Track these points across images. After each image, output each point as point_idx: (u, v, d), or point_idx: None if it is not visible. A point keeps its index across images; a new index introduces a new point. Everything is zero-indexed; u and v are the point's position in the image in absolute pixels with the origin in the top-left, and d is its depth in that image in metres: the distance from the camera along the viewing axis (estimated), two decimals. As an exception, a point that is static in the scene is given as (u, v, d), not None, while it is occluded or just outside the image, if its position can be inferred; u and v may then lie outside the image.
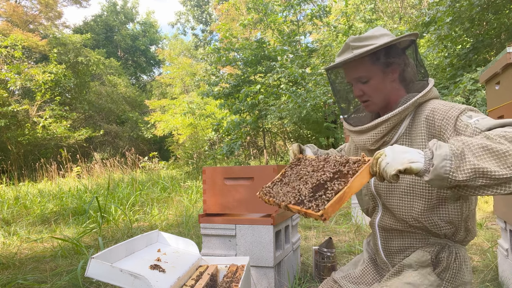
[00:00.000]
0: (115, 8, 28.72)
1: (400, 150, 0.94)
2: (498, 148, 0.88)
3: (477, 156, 0.88)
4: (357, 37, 1.27)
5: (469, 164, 0.88)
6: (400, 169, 0.91)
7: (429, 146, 0.93)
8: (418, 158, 0.91)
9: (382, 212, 1.34)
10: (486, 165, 0.87)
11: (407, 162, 0.91)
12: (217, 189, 2.52)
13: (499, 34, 7.81)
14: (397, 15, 12.20)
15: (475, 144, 0.90)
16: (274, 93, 9.16)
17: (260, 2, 10.21)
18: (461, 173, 0.88)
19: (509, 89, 2.18)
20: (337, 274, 1.49)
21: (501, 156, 0.87)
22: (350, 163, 1.08)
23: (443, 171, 0.89)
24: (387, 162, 0.94)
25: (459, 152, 0.89)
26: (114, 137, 19.47)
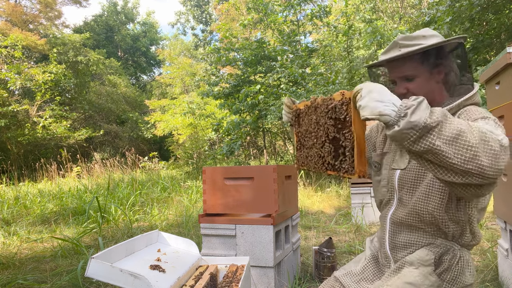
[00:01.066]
0: (115, 8, 28.71)
1: (375, 97, 0.93)
2: (467, 138, 0.90)
3: (443, 137, 0.90)
4: (406, 36, 1.27)
5: (429, 142, 0.90)
6: (368, 117, 0.93)
7: (408, 103, 0.92)
8: (389, 112, 0.92)
9: (396, 206, 1.34)
10: (444, 148, 0.90)
11: (377, 113, 0.92)
12: (217, 189, 2.52)
13: (499, 34, 7.81)
14: (397, 15, 12.20)
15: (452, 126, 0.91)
16: (274, 93, 9.16)
17: (260, 2, 10.21)
18: (418, 145, 0.91)
19: (509, 89, 2.18)
20: (338, 272, 1.50)
21: (464, 147, 0.90)
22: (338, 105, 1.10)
23: (403, 137, 0.91)
24: (360, 105, 0.96)
25: (430, 126, 0.89)
26: (114, 137, 19.47)
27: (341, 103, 1.09)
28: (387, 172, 1.39)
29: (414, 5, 12.38)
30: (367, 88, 0.96)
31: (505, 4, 7.23)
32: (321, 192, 7.39)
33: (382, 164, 1.44)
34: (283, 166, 2.59)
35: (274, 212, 2.37)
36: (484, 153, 0.91)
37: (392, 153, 1.41)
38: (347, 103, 1.06)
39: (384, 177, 1.40)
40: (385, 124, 0.94)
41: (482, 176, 0.92)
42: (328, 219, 5.24)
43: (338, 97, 1.11)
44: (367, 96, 0.95)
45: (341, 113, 1.09)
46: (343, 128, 1.09)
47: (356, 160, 1.02)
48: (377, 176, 1.46)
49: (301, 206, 6.08)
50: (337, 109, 1.10)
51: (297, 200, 2.98)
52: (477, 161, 0.90)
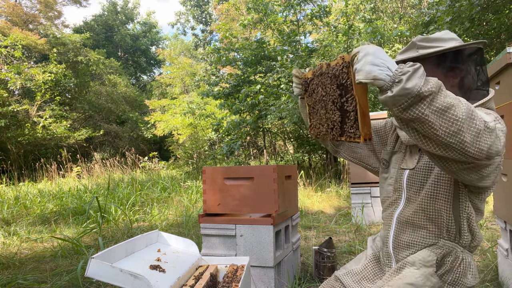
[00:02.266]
0: (115, 8, 28.71)
1: (371, 60, 0.92)
2: (455, 112, 0.90)
3: (434, 108, 0.90)
4: (425, 37, 1.26)
5: (419, 110, 0.89)
6: (363, 81, 0.93)
7: (404, 69, 0.91)
8: (383, 77, 0.91)
9: (404, 205, 1.33)
10: (432, 118, 0.90)
11: (371, 77, 0.91)
12: (217, 189, 2.52)
13: (499, 34, 7.82)
14: (397, 15, 12.20)
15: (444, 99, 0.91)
16: (274, 93, 9.16)
17: (260, 2, 10.20)
18: (408, 113, 0.91)
19: (509, 89, 2.18)
20: (339, 271, 1.50)
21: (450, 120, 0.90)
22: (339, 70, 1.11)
23: (395, 102, 0.91)
24: (355, 68, 0.95)
25: (422, 95, 0.89)
26: (114, 137, 19.46)
27: (341, 67, 1.09)
28: (395, 171, 1.39)
29: (414, 5, 12.38)
30: (364, 51, 0.94)
31: (505, 4, 7.23)
32: (321, 192, 7.39)
33: (391, 162, 1.44)
34: (283, 166, 2.59)
35: (274, 212, 2.37)
36: (468, 129, 0.91)
37: (401, 153, 1.41)
38: (347, 67, 1.07)
39: (392, 175, 1.40)
40: (379, 88, 0.93)
41: (463, 153, 0.92)
42: (328, 219, 5.24)
43: (340, 61, 1.11)
44: (362, 59, 0.93)
45: (342, 77, 1.10)
46: (346, 93, 1.10)
47: (361, 123, 1.03)
48: (384, 174, 1.46)
49: (301, 206, 6.08)
50: (339, 74, 1.11)
51: (297, 200, 2.98)
52: (460, 136, 0.90)
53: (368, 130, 1.03)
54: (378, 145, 1.56)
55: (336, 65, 1.13)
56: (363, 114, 1.03)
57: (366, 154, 1.58)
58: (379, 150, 1.56)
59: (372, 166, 1.59)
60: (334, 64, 1.15)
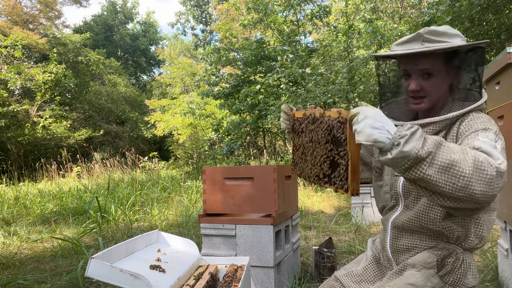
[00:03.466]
0: (114, 8, 28.70)
1: (371, 123, 0.94)
2: (460, 168, 0.91)
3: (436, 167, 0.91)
4: (432, 30, 1.23)
5: (420, 171, 0.92)
6: (363, 142, 0.95)
7: (402, 132, 0.93)
8: (383, 140, 0.93)
9: (401, 211, 1.33)
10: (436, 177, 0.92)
11: (371, 140, 0.93)
12: (217, 189, 2.52)
13: (499, 34, 7.81)
14: (397, 15, 12.20)
15: (445, 155, 0.92)
16: (274, 93, 9.15)
17: (260, 2, 10.20)
18: (410, 173, 0.93)
19: (509, 89, 2.18)
20: (339, 272, 1.49)
21: (456, 176, 0.91)
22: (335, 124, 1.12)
23: (395, 164, 0.94)
24: (355, 129, 0.97)
25: (421, 157, 0.91)
26: (114, 137, 19.45)
27: (337, 121, 1.11)
28: (389, 178, 1.38)
29: (414, 5, 12.38)
30: (363, 113, 0.97)
31: (505, 4, 7.22)
32: (321, 192, 7.39)
33: (383, 169, 1.42)
34: (283, 166, 2.59)
35: (274, 212, 2.37)
36: (478, 181, 0.92)
37: None
38: (343, 122, 1.09)
39: (387, 183, 1.39)
40: (379, 149, 0.97)
41: (474, 202, 0.94)
42: (328, 219, 5.24)
43: (335, 114, 1.13)
44: (362, 122, 0.95)
45: (337, 131, 1.11)
46: (339, 146, 1.12)
47: (350, 179, 1.05)
48: (378, 181, 1.44)
49: (301, 206, 6.08)
50: (333, 127, 1.13)
51: (297, 200, 2.98)
52: (469, 190, 0.91)
53: (356, 186, 1.06)
54: (366, 157, 1.57)
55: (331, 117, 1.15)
56: (353, 171, 1.05)
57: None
58: (368, 159, 1.56)
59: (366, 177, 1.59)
60: (329, 115, 1.16)
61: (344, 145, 1.08)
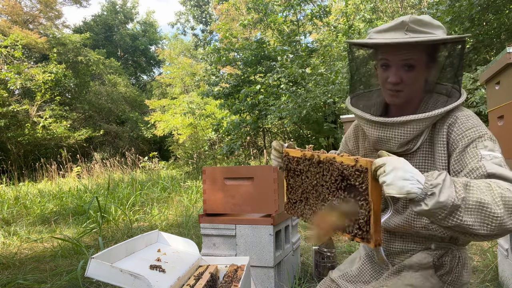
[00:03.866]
0: (114, 8, 28.69)
1: (401, 175, 0.91)
2: (492, 210, 0.92)
3: (469, 211, 0.93)
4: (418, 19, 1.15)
5: (458, 218, 0.92)
6: (396, 196, 0.92)
7: (433, 182, 0.92)
8: (416, 191, 0.91)
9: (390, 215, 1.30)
10: (471, 221, 0.93)
11: (405, 193, 0.91)
12: (217, 189, 2.52)
13: (499, 34, 7.81)
14: (397, 15, 12.19)
15: (475, 196, 0.93)
16: (274, 93, 9.16)
17: (260, 2, 10.20)
18: (447, 222, 0.93)
19: (509, 89, 2.18)
20: (334, 273, 1.48)
21: (489, 217, 0.92)
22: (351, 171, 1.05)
23: (432, 215, 0.93)
24: (384, 181, 0.93)
25: (457, 205, 0.92)
26: (114, 137, 19.45)
27: (355, 169, 1.05)
28: None
29: (414, 5, 12.37)
30: (391, 165, 0.93)
31: (505, 4, 7.22)
32: (321, 192, 7.38)
33: None
34: (283, 166, 2.58)
35: (274, 212, 2.37)
36: (510, 217, 0.93)
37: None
38: (363, 172, 1.03)
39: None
40: (410, 200, 0.94)
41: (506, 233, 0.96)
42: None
43: (351, 162, 1.06)
44: (392, 173, 0.92)
45: (355, 180, 1.05)
46: (356, 195, 1.05)
47: (373, 230, 1.01)
48: None
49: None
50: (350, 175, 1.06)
51: (297, 200, 2.97)
52: (504, 227, 0.93)
53: (379, 236, 1.01)
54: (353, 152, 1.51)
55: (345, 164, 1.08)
56: (376, 221, 1.00)
57: None
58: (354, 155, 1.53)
59: None
60: (341, 162, 1.09)
61: (365, 195, 1.02)
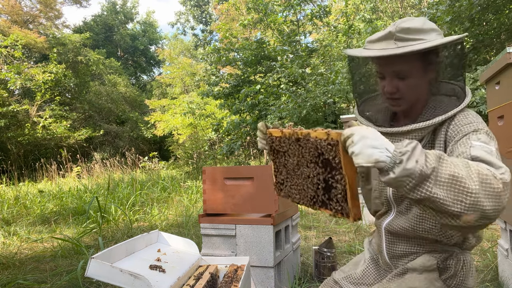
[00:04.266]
0: (114, 8, 28.70)
1: (369, 143, 0.88)
2: (466, 184, 0.86)
3: (440, 184, 0.86)
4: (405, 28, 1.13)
5: (426, 189, 0.86)
6: (364, 165, 0.89)
7: (402, 149, 0.87)
8: (384, 159, 0.87)
9: (394, 217, 1.28)
10: (442, 195, 0.86)
11: (373, 161, 0.87)
12: (217, 189, 2.52)
13: (499, 34, 7.81)
14: (397, 15, 12.19)
15: (448, 169, 0.87)
16: (274, 93, 9.16)
17: (260, 2, 10.21)
18: (416, 193, 0.87)
19: (509, 89, 2.18)
20: (337, 275, 1.46)
21: (463, 193, 0.86)
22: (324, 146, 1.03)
23: (399, 184, 0.87)
24: (353, 151, 0.90)
25: (426, 174, 0.86)
26: (114, 137, 19.45)
27: (327, 143, 1.02)
28: (377, 183, 1.32)
29: (414, 5, 12.37)
30: (359, 134, 0.90)
31: (505, 4, 7.22)
32: (321, 192, 7.38)
33: (369, 173, 1.36)
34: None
35: (274, 212, 2.37)
36: (486, 196, 0.87)
37: None
38: (334, 145, 1.00)
39: (375, 188, 1.33)
40: (379, 169, 0.90)
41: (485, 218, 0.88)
42: (328, 219, 5.23)
43: (323, 135, 1.03)
44: (360, 142, 0.89)
45: (328, 154, 1.03)
46: (332, 170, 1.03)
47: (351, 204, 0.98)
48: (367, 186, 1.39)
49: (301, 206, 6.07)
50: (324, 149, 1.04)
51: (297, 200, 2.97)
52: (479, 206, 0.86)
53: (358, 211, 0.99)
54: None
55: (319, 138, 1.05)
56: (352, 194, 0.98)
57: None
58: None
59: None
60: (315, 136, 1.08)
61: (339, 169, 1.00)
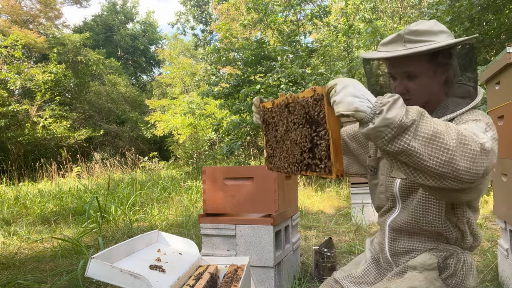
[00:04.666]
0: (114, 8, 28.70)
1: (351, 91, 0.89)
2: (444, 141, 0.87)
3: (419, 138, 0.86)
4: (413, 30, 1.18)
5: (405, 142, 0.86)
6: (344, 113, 0.89)
7: (383, 100, 0.88)
8: (364, 109, 0.88)
9: (399, 213, 1.29)
10: (419, 149, 0.86)
11: (353, 109, 0.88)
12: (217, 189, 2.52)
13: (499, 34, 7.81)
14: (397, 15, 12.20)
15: (428, 126, 0.88)
16: (274, 93, 9.15)
17: (260, 2, 10.20)
18: (393, 145, 0.87)
19: (509, 89, 2.18)
20: (338, 274, 1.47)
21: (440, 149, 0.86)
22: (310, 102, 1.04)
23: (378, 135, 0.87)
24: (334, 101, 0.91)
25: (405, 125, 0.86)
26: (114, 137, 19.45)
27: (313, 99, 1.03)
28: (384, 178, 1.34)
29: (414, 5, 12.37)
30: (342, 83, 0.91)
31: (505, 4, 7.22)
32: (321, 192, 7.39)
33: (379, 168, 1.38)
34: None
35: (274, 212, 2.37)
36: (462, 156, 0.87)
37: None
38: (319, 99, 1.01)
39: (382, 183, 1.35)
40: (359, 121, 0.91)
41: (458, 180, 0.89)
42: (328, 219, 5.23)
43: (309, 93, 1.04)
44: (342, 91, 0.90)
45: (314, 110, 1.03)
46: (317, 127, 1.03)
47: (333, 159, 0.97)
48: (374, 180, 1.41)
49: (301, 206, 6.08)
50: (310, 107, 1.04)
51: (297, 200, 2.98)
52: (453, 165, 0.87)
53: (340, 167, 0.97)
54: (357, 150, 1.49)
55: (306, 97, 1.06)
56: (336, 149, 0.97)
57: (346, 164, 1.52)
58: (359, 154, 1.49)
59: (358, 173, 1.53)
60: (303, 96, 1.07)
61: (322, 124, 1.00)
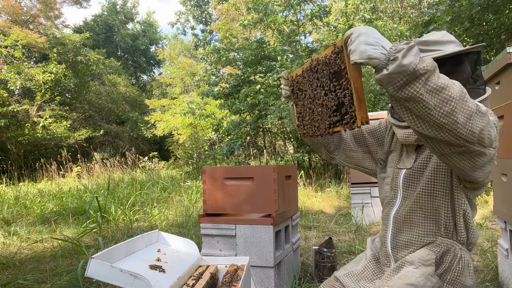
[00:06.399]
0: (115, 8, 28.69)
1: (364, 39, 0.91)
2: (449, 92, 0.90)
3: (428, 87, 0.89)
4: (423, 41, 1.25)
5: (414, 89, 0.89)
6: (357, 61, 0.91)
7: (398, 47, 0.90)
8: (378, 56, 0.89)
9: (400, 204, 1.35)
10: (427, 97, 0.89)
11: (366, 57, 0.90)
12: (217, 189, 2.52)
13: (499, 34, 7.81)
14: (397, 15, 12.20)
15: (440, 80, 0.90)
16: (274, 93, 9.15)
17: (260, 2, 10.20)
18: (403, 92, 0.90)
19: (509, 89, 2.18)
20: (339, 272, 1.50)
21: (445, 100, 0.90)
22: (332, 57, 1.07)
23: (390, 81, 0.89)
24: (349, 50, 0.93)
25: (418, 73, 0.88)
26: (114, 137, 19.44)
27: (334, 53, 1.06)
28: (392, 170, 1.40)
29: (414, 5, 12.37)
30: (356, 32, 0.93)
31: (505, 4, 7.22)
32: (321, 192, 7.40)
33: (387, 162, 1.44)
34: (283, 166, 2.59)
35: (274, 212, 2.37)
36: (461, 110, 0.91)
37: (397, 151, 1.41)
38: (339, 52, 1.03)
39: (389, 175, 1.41)
40: (374, 68, 0.92)
41: (455, 134, 0.92)
42: (328, 219, 5.23)
43: (331, 49, 1.08)
44: (356, 40, 0.92)
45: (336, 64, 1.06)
46: (340, 79, 1.06)
47: (357, 107, 1.00)
48: (382, 173, 1.47)
49: (301, 206, 6.08)
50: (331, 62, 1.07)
51: (297, 200, 2.98)
52: (453, 117, 0.90)
53: (364, 114, 1.00)
54: (373, 146, 1.55)
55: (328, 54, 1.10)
56: (358, 98, 1.00)
57: (361, 157, 1.57)
58: (375, 151, 1.55)
59: (369, 168, 1.58)
60: (325, 54, 1.11)
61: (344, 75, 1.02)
